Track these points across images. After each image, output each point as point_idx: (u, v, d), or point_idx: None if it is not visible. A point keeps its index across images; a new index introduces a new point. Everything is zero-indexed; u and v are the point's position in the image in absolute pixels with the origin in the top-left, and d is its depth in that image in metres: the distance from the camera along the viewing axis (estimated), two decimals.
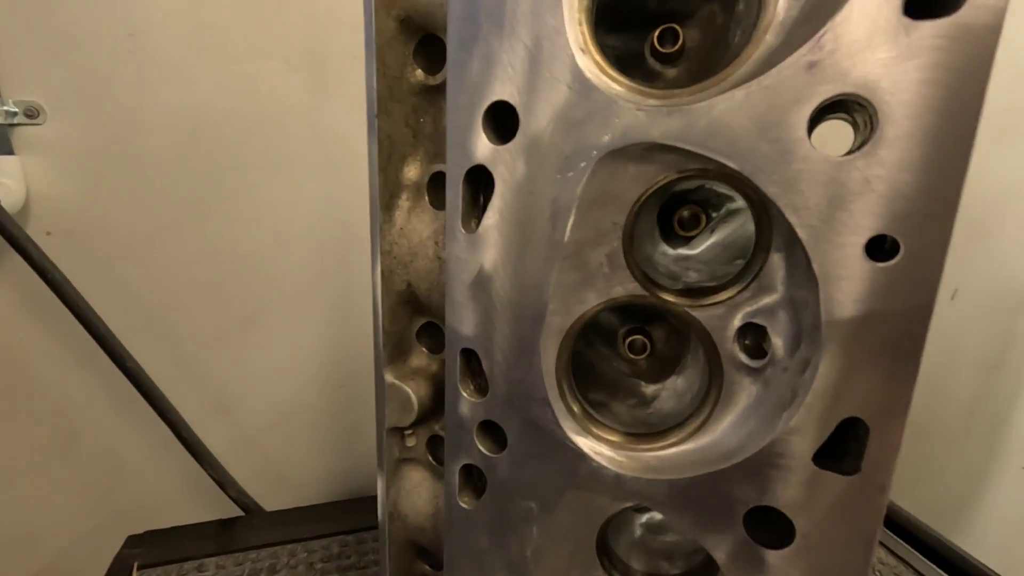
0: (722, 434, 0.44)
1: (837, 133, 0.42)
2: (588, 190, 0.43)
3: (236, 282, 0.91)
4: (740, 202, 0.52)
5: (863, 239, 0.34)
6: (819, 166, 0.34)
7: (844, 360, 0.36)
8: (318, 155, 0.92)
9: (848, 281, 0.35)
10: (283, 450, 0.99)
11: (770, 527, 0.41)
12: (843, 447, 0.38)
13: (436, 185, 0.55)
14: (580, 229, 0.44)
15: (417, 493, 0.56)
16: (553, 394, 0.48)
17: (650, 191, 0.42)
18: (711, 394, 0.45)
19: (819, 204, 0.35)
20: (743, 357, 0.43)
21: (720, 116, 0.36)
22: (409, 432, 0.61)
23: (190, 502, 0.96)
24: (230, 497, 0.88)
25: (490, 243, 0.47)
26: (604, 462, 0.47)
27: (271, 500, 0.94)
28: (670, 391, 0.53)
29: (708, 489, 0.43)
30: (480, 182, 0.49)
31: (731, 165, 0.37)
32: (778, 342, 0.41)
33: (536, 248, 0.45)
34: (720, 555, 0.43)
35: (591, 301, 0.46)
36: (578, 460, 0.47)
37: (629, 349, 0.56)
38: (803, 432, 0.38)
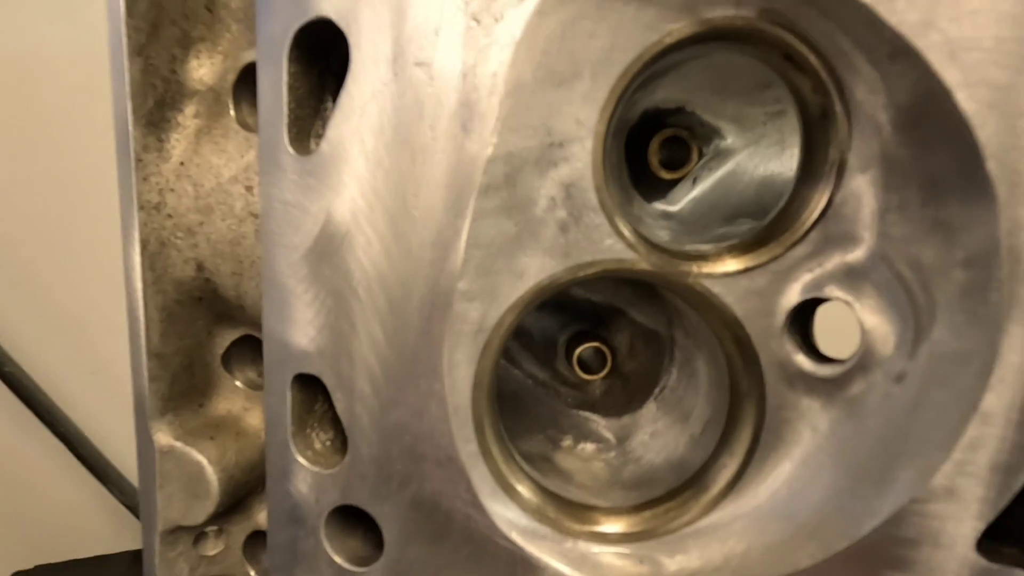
0: (774, 504, 0.24)
1: None
2: (530, 52, 0.22)
3: None
4: (731, 139, 0.35)
5: None
6: None
7: None
8: None
9: None
10: None
11: None
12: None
13: (250, 90, 0.31)
14: (516, 133, 0.23)
15: None
16: (469, 449, 0.26)
17: (644, 60, 0.23)
18: (740, 430, 0.26)
19: (997, 35, 0.17)
20: (803, 360, 0.24)
21: None
22: (210, 530, 0.35)
23: (108, 528, 0.85)
24: None
25: (342, 171, 0.25)
26: (568, 568, 0.25)
27: None
28: (649, 427, 0.34)
29: None
30: (325, 60, 0.27)
31: None
32: (879, 327, 0.22)
33: (429, 175, 0.24)
34: None
35: (536, 273, 0.25)
36: (520, 569, 0.26)
37: (580, 366, 0.36)
38: (959, 496, 0.20)
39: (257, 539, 0.37)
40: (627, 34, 0.22)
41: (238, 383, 0.36)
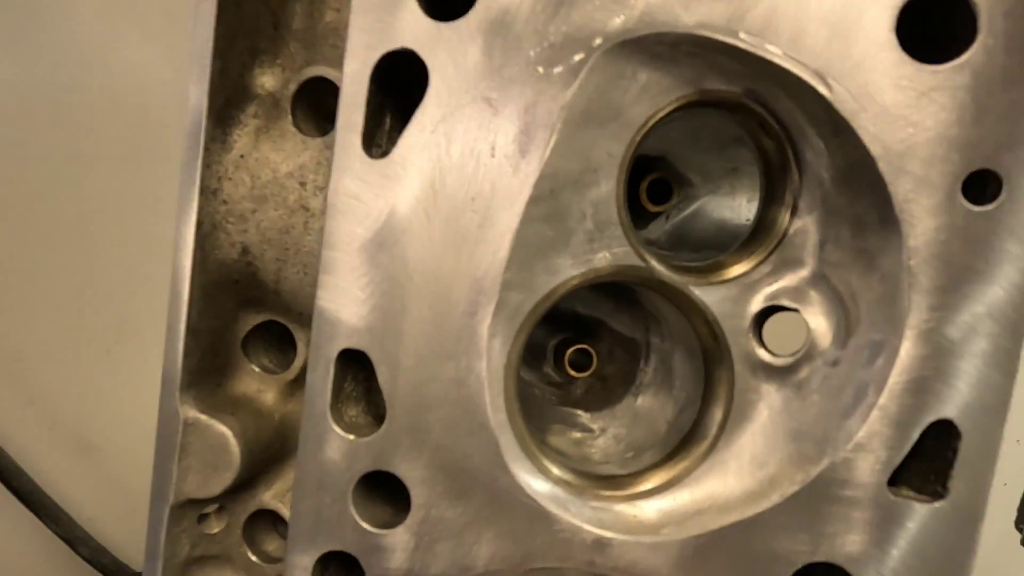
0: (739, 469, 0.31)
1: None
2: (580, 98, 0.29)
3: (96, 296, 0.79)
4: (697, 186, 0.44)
5: (962, 175, 0.26)
6: (914, 77, 0.26)
7: (933, 340, 0.26)
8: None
9: (942, 230, 0.26)
10: None
11: None
12: (921, 463, 0.28)
13: (306, 100, 0.36)
14: (562, 158, 0.29)
15: None
16: (499, 418, 0.30)
17: (661, 114, 0.30)
18: (713, 411, 0.33)
19: (909, 127, 0.26)
20: (763, 353, 0.32)
21: (782, 1, 0.26)
22: (212, 509, 0.36)
23: (44, 565, 0.81)
24: (82, 557, 0.75)
25: (409, 176, 0.30)
26: (579, 520, 0.30)
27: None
28: (628, 417, 0.40)
29: (738, 547, 0.29)
30: (396, 84, 0.32)
31: (793, 70, 0.26)
32: (820, 327, 0.30)
33: (487, 185, 0.29)
34: None
35: (566, 272, 0.31)
36: (537, 522, 0.30)
37: (570, 366, 0.41)
38: (874, 447, 0.27)
39: (257, 521, 0.38)
40: (650, 93, 0.30)
41: (254, 367, 0.38)
